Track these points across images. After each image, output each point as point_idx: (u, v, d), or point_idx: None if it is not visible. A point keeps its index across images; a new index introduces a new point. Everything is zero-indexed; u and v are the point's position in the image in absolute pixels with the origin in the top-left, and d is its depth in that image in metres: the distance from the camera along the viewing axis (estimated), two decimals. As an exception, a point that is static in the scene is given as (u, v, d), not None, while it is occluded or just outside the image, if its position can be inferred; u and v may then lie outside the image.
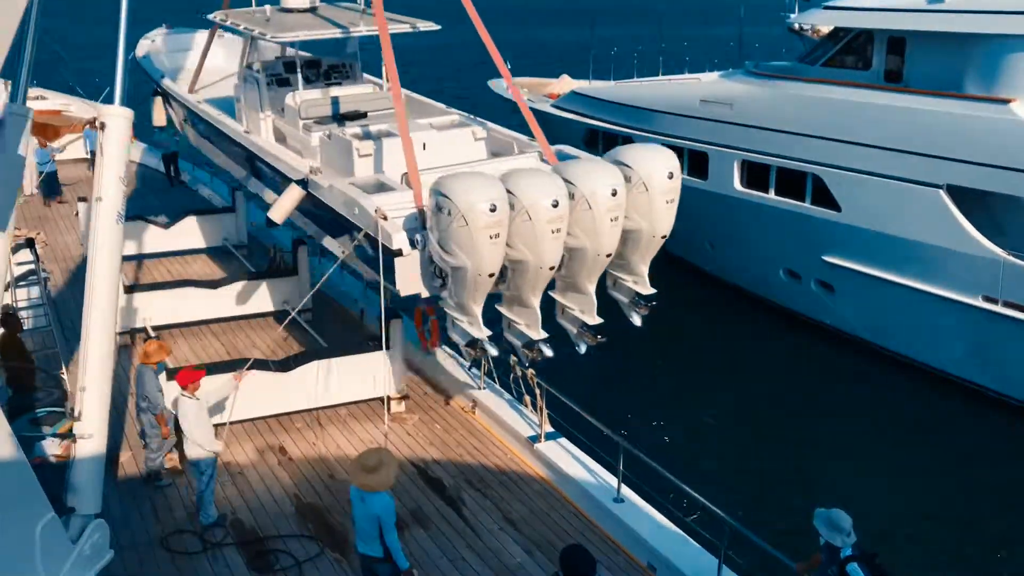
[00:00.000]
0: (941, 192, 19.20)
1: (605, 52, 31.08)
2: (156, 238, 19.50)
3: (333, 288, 18.67)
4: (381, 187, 12.86)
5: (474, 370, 14.59)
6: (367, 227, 11.96)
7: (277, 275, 17.63)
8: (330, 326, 16.89)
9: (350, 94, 16.20)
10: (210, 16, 18.27)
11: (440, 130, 14.38)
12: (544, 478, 12.06)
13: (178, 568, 10.34)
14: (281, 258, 19.11)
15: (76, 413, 7.97)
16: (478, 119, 15.34)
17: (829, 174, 21.22)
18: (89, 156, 28.69)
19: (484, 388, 13.93)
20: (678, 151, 25.16)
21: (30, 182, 24.58)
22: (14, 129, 6.96)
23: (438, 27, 15.08)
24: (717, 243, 25.26)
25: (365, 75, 18.04)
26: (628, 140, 25.83)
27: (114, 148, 8.02)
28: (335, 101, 15.87)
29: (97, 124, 8.23)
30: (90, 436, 7.81)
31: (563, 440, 12.36)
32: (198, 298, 16.54)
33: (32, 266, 17.55)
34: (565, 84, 33.00)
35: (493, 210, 9.86)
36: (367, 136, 14.20)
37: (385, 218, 11.63)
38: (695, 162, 24.45)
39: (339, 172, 13.77)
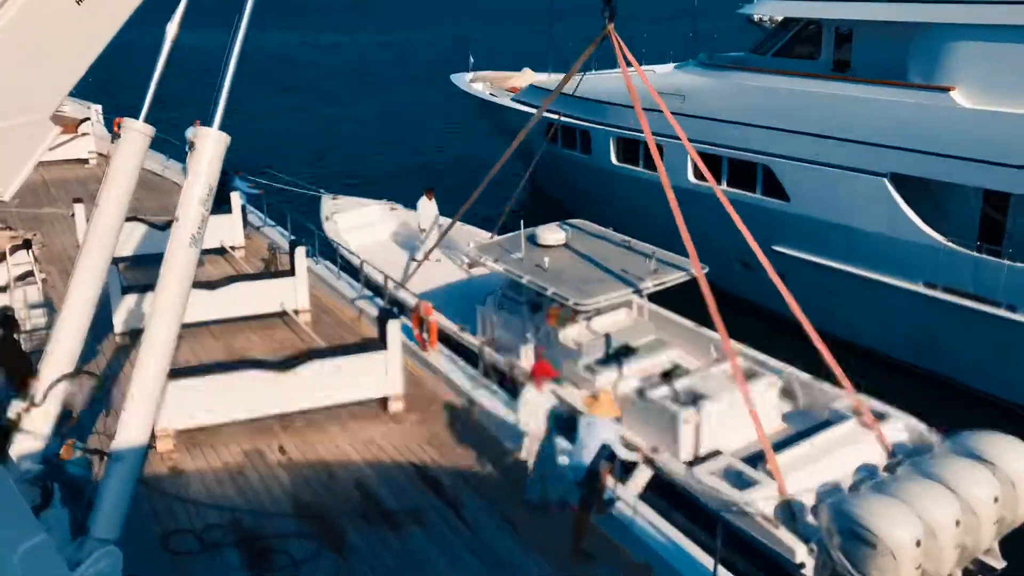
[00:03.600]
0: (885, 180, 19.04)
1: (565, 44, 31.16)
2: (153, 238, 18.82)
3: (331, 288, 18.74)
4: (740, 478, 12.00)
5: (472, 370, 14.68)
6: (747, 526, 11.32)
7: (275, 276, 17.32)
8: (328, 326, 16.79)
9: (615, 327, 15.26)
10: (467, 257, 16.74)
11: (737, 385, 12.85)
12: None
13: (177, 568, 9.91)
14: (278, 259, 19.18)
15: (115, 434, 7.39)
16: (754, 355, 14.44)
17: (778, 164, 20.94)
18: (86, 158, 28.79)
19: (482, 388, 13.61)
20: (634, 143, 24.97)
21: None
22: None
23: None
24: (675, 235, 25.46)
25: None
26: (585, 133, 25.72)
27: (202, 169, 7.49)
28: (608, 340, 14.99)
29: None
30: (120, 460, 7.33)
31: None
32: (196, 299, 16.27)
33: (30, 267, 17.59)
34: (527, 77, 32.17)
35: (919, 544, 9.76)
36: (676, 397, 13.32)
37: (777, 526, 11.06)
38: (649, 154, 24.64)
39: (659, 439, 12.88)
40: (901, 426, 12.76)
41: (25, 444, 7.51)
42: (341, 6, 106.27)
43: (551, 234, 15.96)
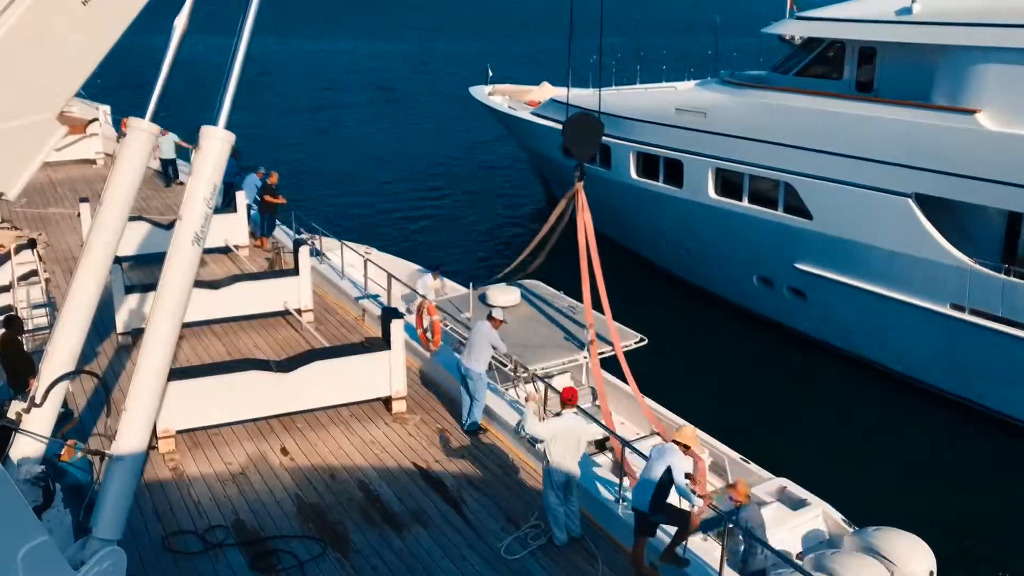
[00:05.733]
0: (910, 201, 18.95)
1: (585, 60, 31.23)
2: (157, 238, 18.89)
3: (334, 288, 18.64)
4: None
5: None
6: None
7: (278, 275, 17.34)
8: (331, 326, 16.77)
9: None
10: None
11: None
12: None
13: (180, 568, 9.88)
14: (283, 258, 19.08)
15: (113, 433, 7.45)
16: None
17: (801, 182, 20.90)
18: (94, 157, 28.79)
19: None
20: (653, 159, 25.04)
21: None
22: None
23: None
24: (693, 250, 25.12)
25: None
26: (605, 148, 25.55)
27: (207, 169, 7.54)
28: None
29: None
30: (122, 460, 7.33)
31: None
32: (199, 298, 16.11)
33: (34, 267, 17.54)
34: (545, 91, 32.30)
35: None
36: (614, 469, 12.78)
37: None
38: (670, 170, 24.14)
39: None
40: (819, 513, 12.65)
41: (25, 444, 7.42)
42: (353, 14, 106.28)
43: (502, 295, 16.02)
